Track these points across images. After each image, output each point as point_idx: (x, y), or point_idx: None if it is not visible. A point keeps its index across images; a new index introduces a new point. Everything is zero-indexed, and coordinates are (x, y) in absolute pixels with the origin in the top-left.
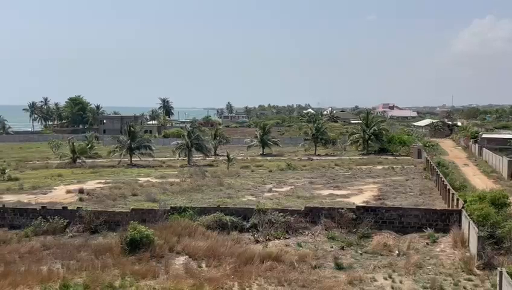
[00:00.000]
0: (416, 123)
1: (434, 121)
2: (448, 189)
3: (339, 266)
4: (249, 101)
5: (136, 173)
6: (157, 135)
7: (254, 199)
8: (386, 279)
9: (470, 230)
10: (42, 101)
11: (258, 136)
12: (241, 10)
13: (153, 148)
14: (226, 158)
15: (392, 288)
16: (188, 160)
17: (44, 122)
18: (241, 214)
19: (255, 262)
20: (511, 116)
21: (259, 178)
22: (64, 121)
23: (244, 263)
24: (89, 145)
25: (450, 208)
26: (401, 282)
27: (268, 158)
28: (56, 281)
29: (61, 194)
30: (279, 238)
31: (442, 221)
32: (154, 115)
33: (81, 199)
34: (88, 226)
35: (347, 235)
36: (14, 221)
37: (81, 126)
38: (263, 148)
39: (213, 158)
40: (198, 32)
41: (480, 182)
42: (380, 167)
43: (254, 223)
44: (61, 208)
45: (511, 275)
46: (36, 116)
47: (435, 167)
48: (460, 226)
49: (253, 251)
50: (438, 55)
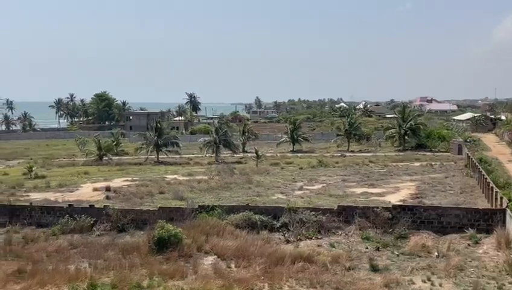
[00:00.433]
0: (456, 117)
1: (475, 114)
2: (492, 187)
3: (374, 268)
4: (278, 96)
5: (163, 170)
6: (184, 131)
7: (284, 197)
8: (424, 282)
9: None
10: (68, 98)
11: (288, 131)
12: (269, 1)
13: (180, 145)
14: (255, 155)
15: None
16: (215, 157)
17: (70, 119)
18: (271, 213)
19: (286, 263)
20: None
21: (290, 176)
22: (90, 118)
23: (274, 263)
24: (115, 142)
25: (494, 207)
26: (440, 285)
27: (299, 155)
28: (83, 280)
29: (87, 192)
30: (311, 238)
31: (484, 221)
32: (181, 111)
33: (107, 197)
34: (115, 225)
35: (383, 236)
36: (42, 219)
37: (107, 123)
38: (293, 144)
39: (241, 155)
40: (224, 26)
41: None
42: (417, 164)
43: (284, 222)
44: (88, 206)
45: None
46: (62, 112)
47: (476, 163)
48: (504, 226)
49: (284, 251)
50: (478, 45)
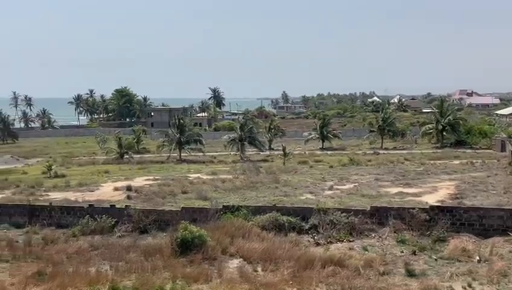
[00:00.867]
0: (499, 111)
1: None
2: None
3: (411, 273)
4: (306, 90)
5: (185, 169)
6: (207, 128)
7: (313, 197)
8: (465, 288)
9: None
10: (88, 94)
11: (317, 128)
12: None
13: (203, 142)
14: (282, 153)
15: None
16: (240, 155)
17: (90, 116)
18: (300, 214)
19: (316, 267)
20: None
21: (319, 174)
22: (110, 114)
23: (303, 267)
24: (137, 140)
25: None
26: None
27: (329, 152)
28: (105, 283)
29: (108, 192)
30: (342, 241)
31: None
32: (204, 107)
33: (129, 197)
34: (137, 226)
35: (419, 239)
36: (62, 220)
37: (128, 119)
38: (323, 141)
39: (267, 153)
40: (250, 20)
41: None
42: (456, 162)
43: (314, 224)
44: (109, 206)
45: None
46: (82, 109)
47: None
48: None
49: (314, 254)
50: None
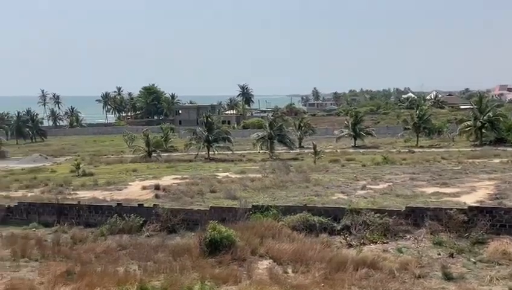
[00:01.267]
0: None
1: None
2: None
3: (448, 276)
4: (337, 86)
5: (214, 167)
6: (236, 125)
7: (345, 197)
8: None
9: None
10: (115, 91)
11: (349, 125)
12: None
13: (232, 140)
14: (313, 151)
15: None
16: (270, 153)
17: (117, 114)
18: (331, 215)
19: (348, 269)
20: None
21: (351, 173)
22: (138, 112)
23: (335, 269)
24: (164, 138)
25: None
26: None
27: (361, 151)
28: (133, 283)
29: (136, 191)
30: (376, 243)
31: None
32: (232, 104)
33: (157, 196)
34: (165, 225)
35: (457, 241)
36: (90, 219)
37: (155, 117)
38: (355, 139)
39: (298, 151)
40: (279, 13)
41: None
42: (497, 161)
43: (346, 224)
44: (137, 205)
45: None
46: (109, 107)
47: None
48: None
49: (346, 256)
50: None
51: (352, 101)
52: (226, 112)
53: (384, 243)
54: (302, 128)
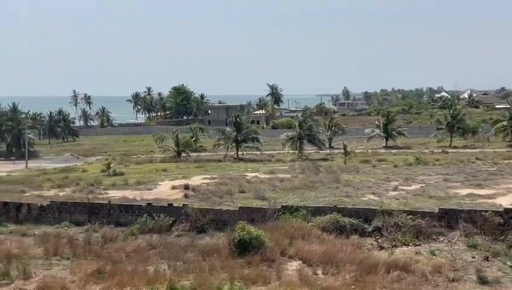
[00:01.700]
0: None
1: None
2: None
3: (483, 280)
4: (368, 86)
5: (243, 167)
6: (265, 125)
7: (376, 198)
8: None
9: None
10: (145, 92)
11: (380, 125)
12: None
13: (261, 140)
14: (343, 151)
15: None
16: (299, 153)
17: (147, 114)
18: (362, 216)
19: (380, 271)
20: None
21: (382, 174)
22: (167, 112)
23: (366, 271)
24: (194, 138)
25: None
26: None
27: (393, 151)
28: (163, 283)
29: (166, 190)
30: (408, 245)
31: None
32: (261, 104)
33: (186, 196)
34: (194, 225)
35: (492, 244)
36: (120, 218)
37: (185, 117)
38: (386, 139)
39: (327, 151)
40: (309, 13)
41: None
42: None
43: (377, 226)
44: (167, 205)
45: None
46: (140, 107)
47: None
48: None
49: (377, 258)
50: None
51: (383, 100)
52: (255, 112)
53: (416, 245)
54: (332, 128)
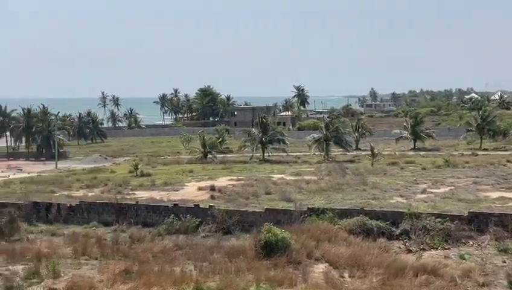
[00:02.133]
0: None
1: None
2: None
3: None
4: (396, 87)
5: (269, 169)
6: (291, 127)
7: (404, 201)
8: None
9: None
10: (172, 93)
11: (408, 127)
12: None
13: (287, 142)
14: (370, 153)
15: None
16: (325, 155)
17: (174, 115)
18: (389, 219)
19: (407, 275)
20: None
21: (411, 177)
22: (194, 114)
23: (393, 275)
24: (220, 139)
25: None
26: None
27: (421, 153)
28: (189, 283)
29: (192, 191)
30: (437, 248)
31: None
32: (287, 105)
33: (212, 197)
34: (220, 226)
35: None
36: (147, 218)
37: (211, 118)
38: (415, 141)
39: (354, 153)
40: (337, 11)
41: None
42: None
43: (405, 229)
44: (193, 206)
45: None
46: (167, 108)
47: None
48: None
49: (405, 261)
50: None
51: (411, 101)
52: (281, 113)
53: (445, 249)
54: (359, 130)
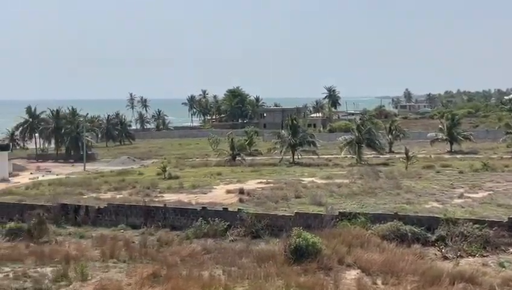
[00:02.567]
0: None
1: None
2: None
3: None
4: (432, 87)
5: (299, 172)
6: (321, 129)
7: (440, 206)
8: None
9: None
10: (201, 94)
11: (445, 129)
12: None
13: (317, 144)
14: (404, 156)
15: None
16: (357, 158)
17: (203, 117)
18: (424, 224)
19: (444, 283)
20: None
21: (447, 181)
22: (223, 115)
23: (429, 283)
24: (249, 141)
25: None
26: None
27: (458, 156)
28: (218, 288)
29: (220, 194)
30: (474, 256)
31: None
32: (318, 107)
33: (241, 200)
34: (249, 230)
35: None
36: (175, 221)
37: (240, 120)
38: (451, 143)
39: (388, 156)
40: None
41: None
42: None
43: (441, 235)
44: (222, 209)
45: None
46: (195, 110)
47: None
48: None
49: (441, 269)
50: None
51: (448, 103)
52: (312, 115)
53: (483, 256)
54: (393, 132)
